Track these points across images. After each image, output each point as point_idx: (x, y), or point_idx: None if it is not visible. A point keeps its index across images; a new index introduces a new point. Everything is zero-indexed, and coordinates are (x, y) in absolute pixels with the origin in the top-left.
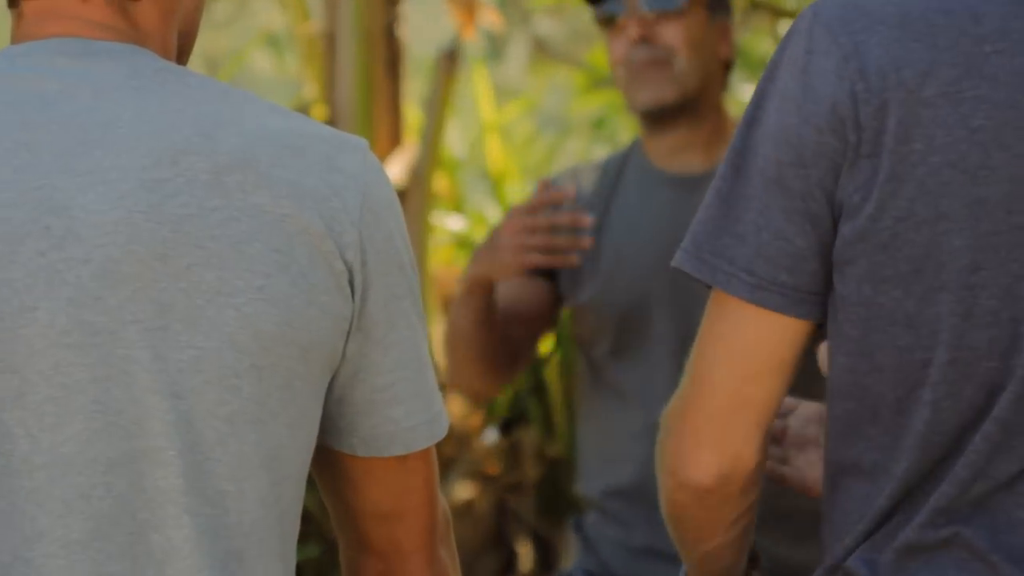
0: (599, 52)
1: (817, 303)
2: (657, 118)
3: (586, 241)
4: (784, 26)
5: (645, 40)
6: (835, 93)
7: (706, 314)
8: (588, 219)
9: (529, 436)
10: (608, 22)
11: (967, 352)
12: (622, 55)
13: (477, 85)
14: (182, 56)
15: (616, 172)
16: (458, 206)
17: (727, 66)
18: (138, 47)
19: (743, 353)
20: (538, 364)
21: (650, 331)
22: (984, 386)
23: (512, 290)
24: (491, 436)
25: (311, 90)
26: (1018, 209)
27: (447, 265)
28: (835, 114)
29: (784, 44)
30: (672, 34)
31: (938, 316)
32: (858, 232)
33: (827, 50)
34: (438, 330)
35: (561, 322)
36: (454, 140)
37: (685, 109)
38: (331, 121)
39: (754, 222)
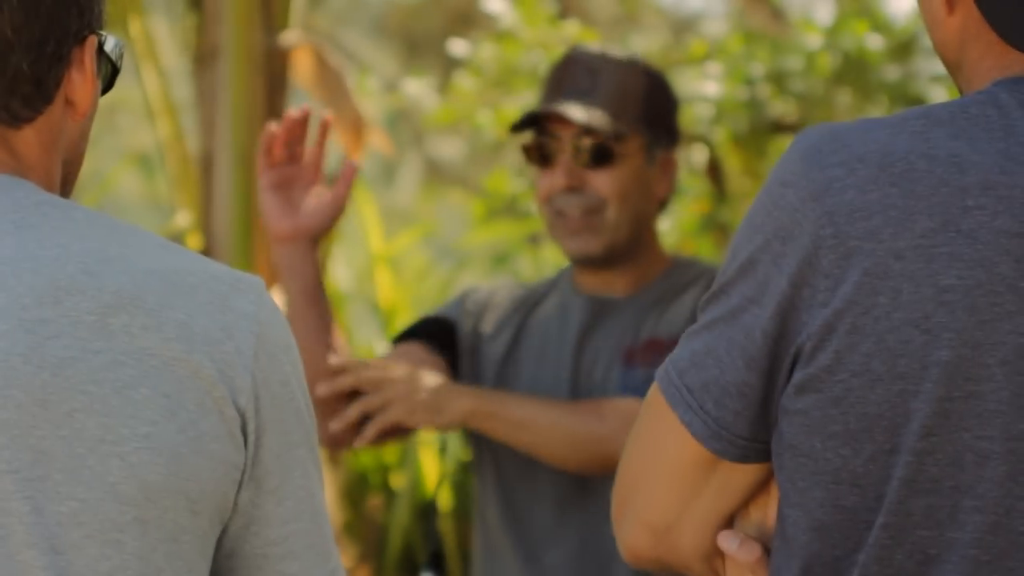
0: (498, 176)
1: (731, 442)
2: (584, 265)
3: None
4: (695, 151)
5: (573, 189)
6: (799, 235)
7: (649, 394)
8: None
9: None
10: (535, 156)
11: (902, 518)
12: (548, 195)
13: (365, 212)
14: (67, 186)
15: (541, 294)
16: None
17: (664, 202)
18: (19, 179)
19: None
20: (432, 513)
21: (545, 476)
22: (914, 555)
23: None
24: None
25: (184, 216)
26: (975, 376)
27: None
28: (796, 257)
29: (772, 169)
30: (603, 183)
31: (887, 479)
32: (811, 381)
33: (797, 184)
34: (329, 479)
35: (456, 470)
36: (340, 271)
37: (613, 257)
38: (206, 251)
39: (705, 343)
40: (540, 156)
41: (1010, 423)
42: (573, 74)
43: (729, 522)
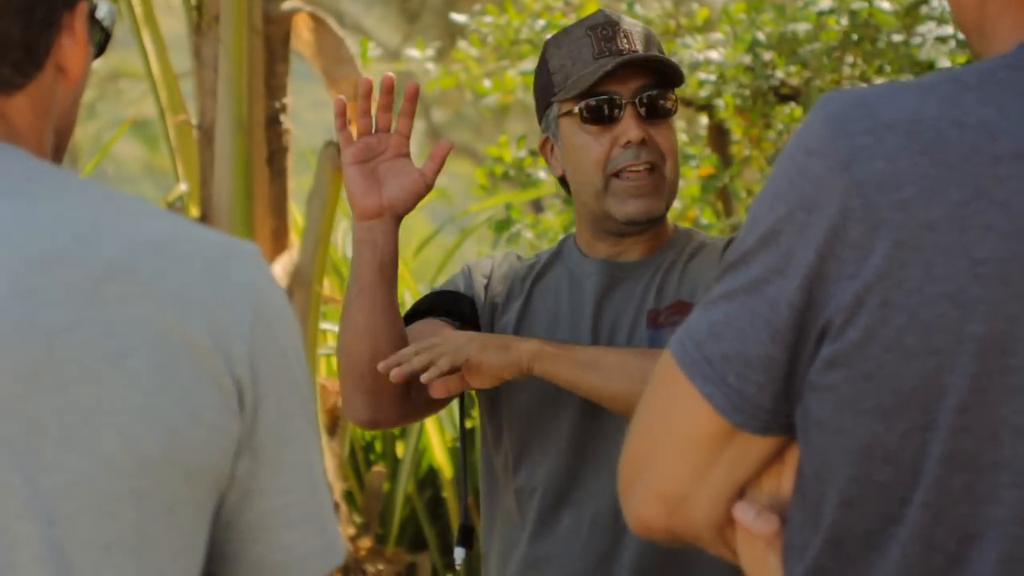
0: (502, 144)
1: (754, 415)
2: (634, 226)
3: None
4: (699, 117)
5: (644, 144)
6: (825, 205)
7: (659, 364)
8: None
9: (425, 561)
10: (602, 118)
11: (942, 496)
12: (606, 156)
13: None
14: (58, 153)
15: (546, 263)
16: None
17: None
18: (10, 146)
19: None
20: (437, 484)
21: (558, 431)
22: (954, 533)
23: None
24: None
25: (186, 185)
26: (1013, 350)
27: (335, 376)
28: (822, 227)
29: (793, 136)
30: (663, 138)
31: (924, 455)
32: (840, 357)
33: (822, 152)
34: (328, 450)
35: (464, 442)
36: (342, 239)
37: (659, 221)
38: (206, 219)
39: (724, 313)
40: (603, 115)
41: None
42: (613, 37)
43: (741, 492)
